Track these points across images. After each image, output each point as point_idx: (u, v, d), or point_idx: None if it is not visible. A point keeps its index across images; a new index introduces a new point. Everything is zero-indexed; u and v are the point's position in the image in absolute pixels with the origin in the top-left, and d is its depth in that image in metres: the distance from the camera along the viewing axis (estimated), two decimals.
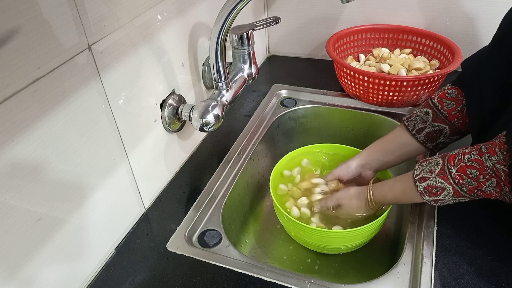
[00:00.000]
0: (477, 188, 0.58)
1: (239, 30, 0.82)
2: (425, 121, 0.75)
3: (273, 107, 1.05)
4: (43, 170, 0.53)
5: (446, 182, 0.60)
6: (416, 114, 0.77)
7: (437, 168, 0.62)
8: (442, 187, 0.61)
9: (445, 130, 0.75)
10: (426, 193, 0.62)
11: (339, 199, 0.76)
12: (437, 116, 0.74)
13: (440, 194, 0.61)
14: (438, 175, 0.61)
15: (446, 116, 0.73)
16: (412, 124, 0.76)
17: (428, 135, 0.75)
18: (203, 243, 0.71)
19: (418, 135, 0.76)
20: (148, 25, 0.69)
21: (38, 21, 0.49)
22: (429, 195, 0.62)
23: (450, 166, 0.60)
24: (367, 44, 1.13)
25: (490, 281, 0.61)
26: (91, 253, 0.65)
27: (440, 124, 0.74)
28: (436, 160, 0.63)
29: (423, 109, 0.76)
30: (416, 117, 0.76)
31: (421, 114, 0.76)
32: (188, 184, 0.83)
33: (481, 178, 0.57)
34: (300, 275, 0.64)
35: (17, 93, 0.48)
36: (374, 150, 0.81)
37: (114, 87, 0.63)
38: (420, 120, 0.76)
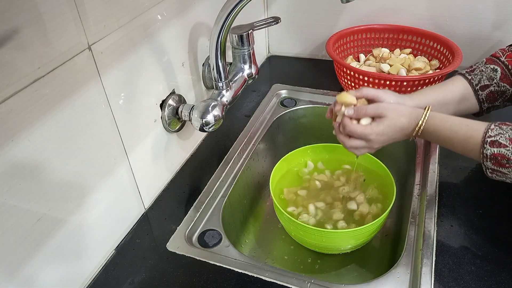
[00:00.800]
0: None
1: (239, 30, 0.82)
2: (492, 79, 0.69)
3: (273, 107, 1.05)
4: (43, 170, 0.53)
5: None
6: (480, 69, 0.70)
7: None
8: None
9: (507, 93, 0.69)
10: (492, 159, 0.56)
11: (385, 108, 0.65)
12: (505, 76, 0.68)
13: (509, 167, 0.55)
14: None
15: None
16: (477, 79, 0.70)
17: (490, 95, 0.69)
18: (203, 243, 0.71)
19: (481, 92, 0.70)
20: (148, 25, 0.69)
21: (38, 21, 0.49)
22: (493, 163, 0.56)
23: None
24: (367, 44, 1.13)
25: (490, 281, 0.61)
26: (91, 253, 0.65)
27: (506, 85, 0.69)
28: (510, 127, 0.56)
29: (489, 65, 0.70)
30: (481, 73, 0.70)
31: (487, 71, 0.70)
32: (188, 184, 0.83)
33: None
34: (300, 275, 0.64)
35: (17, 93, 0.48)
36: (429, 97, 0.71)
37: (114, 87, 0.63)
38: (486, 76, 0.69)
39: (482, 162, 0.58)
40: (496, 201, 0.73)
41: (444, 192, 0.75)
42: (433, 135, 0.63)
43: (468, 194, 0.75)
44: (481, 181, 0.77)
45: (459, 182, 0.78)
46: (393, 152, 0.97)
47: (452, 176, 0.79)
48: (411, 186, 0.81)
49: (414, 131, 0.63)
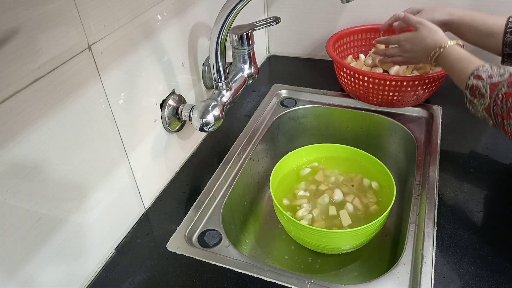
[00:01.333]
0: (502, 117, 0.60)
1: (239, 30, 0.82)
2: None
3: (273, 107, 1.05)
4: (43, 170, 0.53)
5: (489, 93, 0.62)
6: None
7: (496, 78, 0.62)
8: (483, 94, 0.63)
9: None
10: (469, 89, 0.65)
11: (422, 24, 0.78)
12: None
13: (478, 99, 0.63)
14: (490, 83, 0.62)
15: None
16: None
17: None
18: (203, 243, 0.71)
19: (510, 36, 0.76)
20: (148, 25, 0.69)
21: (38, 21, 0.49)
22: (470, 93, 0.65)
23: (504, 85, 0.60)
24: (367, 44, 1.13)
25: (490, 281, 0.61)
26: (91, 253, 0.65)
27: None
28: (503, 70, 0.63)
29: None
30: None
31: None
32: (188, 184, 0.83)
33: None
34: (300, 275, 0.64)
35: (17, 93, 0.48)
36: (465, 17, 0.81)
37: (114, 87, 0.63)
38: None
39: (464, 92, 0.66)
40: (496, 201, 0.73)
41: (444, 192, 0.75)
42: (443, 62, 0.73)
43: (468, 194, 0.75)
44: (481, 181, 0.77)
45: (459, 182, 0.78)
46: (393, 152, 0.98)
47: (452, 176, 0.79)
48: (411, 186, 0.81)
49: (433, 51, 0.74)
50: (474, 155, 0.84)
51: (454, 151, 0.85)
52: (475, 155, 0.84)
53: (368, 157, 0.85)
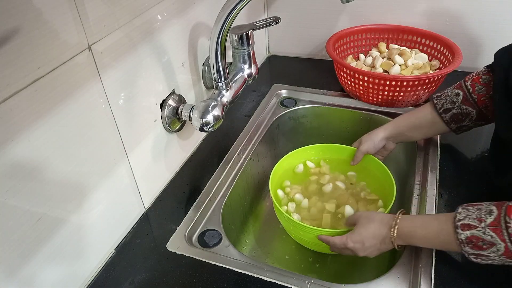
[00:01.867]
0: None
1: (239, 30, 0.82)
2: (454, 102, 0.75)
3: (273, 107, 1.05)
4: (43, 170, 0.53)
5: (499, 237, 0.51)
6: (447, 94, 0.77)
7: (490, 218, 0.53)
8: (492, 241, 0.52)
9: (471, 114, 0.75)
10: (469, 244, 0.54)
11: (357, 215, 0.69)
12: (466, 99, 0.74)
13: (487, 249, 0.52)
14: (489, 226, 0.52)
15: (476, 100, 0.73)
16: (441, 103, 0.77)
17: (454, 117, 0.76)
18: (203, 243, 0.71)
19: (444, 115, 0.77)
20: (148, 25, 0.69)
21: (38, 21, 0.49)
22: (471, 247, 0.53)
23: (508, 219, 0.51)
24: (367, 44, 1.13)
25: (490, 281, 0.61)
26: (91, 253, 0.65)
27: (468, 108, 0.74)
28: (488, 208, 0.54)
29: (454, 90, 0.77)
30: (446, 97, 0.77)
31: (452, 95, 0.76)
32: (188, 184, 0.83)
33: None
34: (300, 275, 0.64)
35: (17, 93, 0.48)
36: (400, 125, 0.83)
37: (114, 87, 0.63)
38: (449, 100, 0.76)
39: (462, 250, 0.55)
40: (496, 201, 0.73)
41: (444, 192, 0.75)
42: (410, 237, 0.61)
43: (468, 194, 0.75)
44: (481, 181, 0.77)
45: (459, 182, 0.78)
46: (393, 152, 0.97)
47: (452, 176, 0.79)
48: (411, 186, 0.81)
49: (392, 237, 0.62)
50: (474, 155, 0.84)
51: (454, 151, 0.85)
52: (475, 155, 0.84)
53: (369, 158, 0.85)
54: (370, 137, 0.84)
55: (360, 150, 0.85)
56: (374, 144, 0.84)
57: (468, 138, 0.87)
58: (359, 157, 0.85)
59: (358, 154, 0.86)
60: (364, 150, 0.84)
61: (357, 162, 0.86)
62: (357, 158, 0.86)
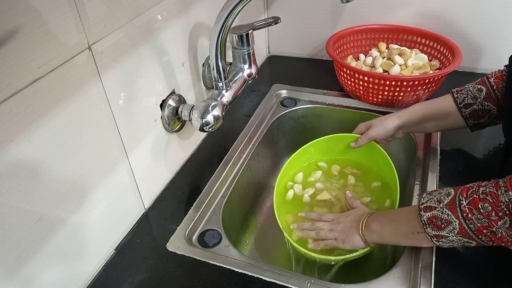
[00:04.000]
0: (487, 228, 0.52)
1: (239, 30, 0.82)
2: (476, 98, 0.73)
3: (273, 107, 1.05)
4: (43, 170, 0.53)
5: (454, 215, 0.55)
6: (468, 88, 0.75)
7: (447, 199, 0.56)
8: (448, 220, 0.55)
9: (492, 112, 0.73)
10: (430, 224, 0.57)
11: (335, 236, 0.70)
12: (489, 96, 0.72)
13: (444, 228, 0.55)
14: (446, 206, 0.56)
15: (499, 97, 0.72)
16: (462, 97, 0.75)
17: (473, 112, 0.74)
18: (203, 243, 0.71)
19: (464, 110, 0.75)
20: (148, 25, 0.69)
21: (38, 21, 0.49)
22: (432, 227, 0.57)
23: (461, 197, 0.55)
24: (367, 44, 1.13)
25: (490, 281, 0.61)
26: (91, 253, 0.65)
27: (490, 105, 0.73)
28: (447, 191, 0.58)
29: (476, 85, 0.74)
30: (467, 92, 0.75)
31: (474, 90, 0.74)
32: (188, 184, 0.83)
33: (493, 216, 0.51)
34: (300, 275, 0.64)
35: (17, 93, 0.48)
36: (416, 114, 0.79)
37: (114, 87, 0.63)
38: (471, 95, 0.74)
39: (424, 232, 0.58)
40: None
41: None
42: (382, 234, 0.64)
43: None
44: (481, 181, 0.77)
45: (459, 182, 0.77)
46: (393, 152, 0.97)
47: (452, 176, 0.79)
48: (411, 186, 0.81)
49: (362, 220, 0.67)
50: (474, 155, 0.84)
51: (454, 151, 0.85)
52: (475, 155, 0.84)
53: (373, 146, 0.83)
54: (382, 124, 0.81)
55: (368, 135, 0.81)
56: (386, 132, 0.80)
57: (468, 138, 0.87)
58: (364, 142, 0.82)
59: (364, 139, 0.82)
60: (373, 136, 0.81)
61: (359, 146, 0.83)
62: (361, 142, 0.82)
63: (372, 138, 0.82)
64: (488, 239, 0.53)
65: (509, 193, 0.50)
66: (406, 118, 0.80)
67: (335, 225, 0.71)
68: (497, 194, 0.52)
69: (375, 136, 0.81)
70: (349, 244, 0.67)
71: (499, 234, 0.52)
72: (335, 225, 0.70)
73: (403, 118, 0.80)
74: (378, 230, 0.64)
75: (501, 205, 0.51)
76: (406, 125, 0.81)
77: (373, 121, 0.83)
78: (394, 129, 0.81)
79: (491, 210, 0.51)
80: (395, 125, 0.80)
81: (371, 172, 0.88)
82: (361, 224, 0.66)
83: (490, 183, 0.54)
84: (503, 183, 0.52)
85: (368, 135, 0.82)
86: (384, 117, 0.82)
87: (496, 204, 0.51)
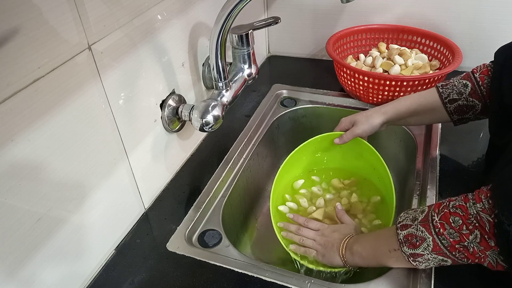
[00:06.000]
0: (459, 243, 0.52)
1: (239, 30, 0.82)
2: (461, 94, 0.72)
3: (273, 107, 1.05)
4: (43, 170, 0.53)
5: (427, 231, 0.54)
6: (453, 83, 0.74)
7: (421, 216, 0.56)
8: (422, 236, 0.55)
9: (476, 107, 0.72)
10: (406, 243, 0.56)
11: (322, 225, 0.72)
12: (475, 92, 0.71)
13: (419, 246, 0.55)
14: (420, 223, 0.56)
15: (484, 93, 0.71)
16: (447, 92, 0.74)
17: (458, 108, 0.73)
18: (203, 243, 0.71)
19: (449, 105, 0.74)
20: (148, 25, 0.69)
21: (38, 21, 0.49)
22: (408, 245, 0.56)
23: (433, 213, 0.55)
24: (367, 44, 1.13)
25: (490, 281, 0.60)
26: (91, 253, 0.65)
27: (475, 100, 0.72)
28: (422, 208, 0.58)
29: (462, 80, 0.73)
30: (452, 87, 0.74)
31: (459, 85, 0.73)
32: (188, 184, 0.83)
33: (464, 229, 0.51)
34: (300, 275, 0.64)
35: (17, 93, 0.48)
36: (401, 110, 0.78)
37: (114, 87, 0.63)
38: (456, 91, 0.73)
39: (401, 250, 0.57)
40: None
41: (444, 192, 0.75)
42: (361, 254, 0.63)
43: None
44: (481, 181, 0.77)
45: (459, 182, 0.78)
46: (393, 152, 0.97)
47: (452, 176, 0.79)
48: (411, 186, 0.81)
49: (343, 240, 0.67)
50: (473, 155, 0.84)
51: (454, 151, 0.85)
52: (474, 155, 0.84)
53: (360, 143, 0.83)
54: (368, 121, 0.79)
55: (354, 133, 0.80)
56: (372, 129, 0.79)
57: (468, 138, 0.87)
58: (349, 139, 0.81)
59: (349, 136, 0.80)
60: (358, 133, 0.80)
61: (343, 142, 0.81)
62: (345, 139, 0.81)
63: (357, 135, 0.80)
64: (462, 255, 0.53)
65: (477, 205, 0.51)
66: (392, 114, 0.79)
67: (319, 237, 0.70)
68: (466, 207, 0.52)
69: (361, 134, 0.80)
70: (327, 260, 0.68)
71: (471, 249, 0.51)
72: (319, 237, 0.70)
73: (389, 114, 0.79)
74: (359, 252, 0.64)
75: (471, 218, 0.51)
76: (391, 121, 0.80)
77: (357, 117, 0.81)
78: (380, 125, 0.80)
79: (462, 224, 0.51)
80: (381, 121, 0.79)
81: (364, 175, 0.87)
82: (343, 245, 0.66)
83: (460, 197, 0.54)
84: (471, 196, 0.52)
85: (353, 132, 0.80)
86: (369, 113, 0.80)
87: (465, 217, 0.51)
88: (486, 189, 0.51)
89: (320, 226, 0.73)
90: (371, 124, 0.79)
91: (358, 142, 0.82)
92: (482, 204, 0.50)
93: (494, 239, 0.50)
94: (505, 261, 0.51)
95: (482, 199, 0.51)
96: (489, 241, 0.50)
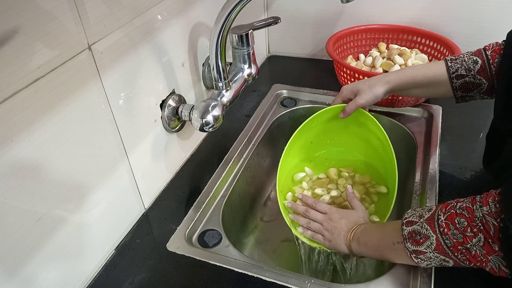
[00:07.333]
0: (462, 245, 0.52)
1: (239, 30, 0.82)
2: (470, 70, 0.70)
3: (273, 107, 1.05)
4: (43, 170, 0.53)
5: (431, 229, 0.54)
6: (463, 59, 0.72)
7: (428, 214, 0.57)
8: (426, 234, 0.55)
9: (482, 86, 0.70)
10: (409, 239, 0.57)
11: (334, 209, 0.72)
12: (484, 69, 0.69)
13: (423, 243, 0.55)
14: (425, 220, 0.56)
15: (493, 72, 0.69)
16: (455, 67, 0.72)
17: (464, 85, 0.71)
18: (203, 243, 0.71)
19: (456, 81, 0.72)
20: (148, 25, 0.69)
21: (38, 21, 0.49)
22: (411, 242, 0.56)
23: (440, 213, 0.55)
24: (367, 44, 1.13)
25: (490, 281, 0.60)
26: (91, 253, 0.65)
27: (482, 79, 0.70)
28: (430, 207, 0.58)
29: (472, 56, 0.71)
30: (461, 62, 0.71)
31: (469, 61, 0.71)
32: (188, 184, 0.83)
33: (468, 231, 0.51)
34: (300, 275, 0.64)
35: (17, 93, 0.48)
36: (406, 81, 0.76)
37: (114, 87, 0.63)
38: (465, 66, 0.71)
39: (404, 246, 0.57)
40: None
41: (444, 192, 0.75)
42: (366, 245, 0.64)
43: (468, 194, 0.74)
44: (481, 181, 0.77)
45: (459, 182, 0.78)
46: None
47: (452, 176, 0.79)
48: (411, 186, 0.81)
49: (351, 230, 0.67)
50: (473, 154, 0.84)
51: (454, 151, 0.85)
52: (474, 154, 0.84)
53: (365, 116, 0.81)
54: (371, 90, 0.76)
55: (357, 103, 0.77)
56: (375, 98, 0.77)
57: (468, 138, 0.87)
58: (352, 110, 0.78)
59: (352, 107, 0.78)
60: (362, 104, 0.77)
61: (348, 115, 0.79)
62: (349, 111, 0.78)
63: (361, 106, 0.78)
64: (464, 258, 0.52)
65: (484, 208, 0.50)
66: (396, 84, 0.76)
67: (327, 222, 0.70)
68: (472, 209, 0.51)
69: (364, 104, 0.77)
70: (333, 246, 0.68)
71: (473, 252, 0.51)
72: (326, 222, 0.70)
73: (392, 83, 0.77)
74: (365, 242, 0.64)
75: (476, 220, 0.50)
76: (394, 90, 0.78)
77: (360, 85, 0.78)
78: (383, 94, 0.77)
79: (467, 226, 0.51)
80: (385, 90, 0.77)
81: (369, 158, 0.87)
82: (350, 234, 0.66)
83: (468, 198, 0.54)
84: (479, 199, 0.52)
85: (356, 102, 0.77)
86: (372, 82, 0.77)
87: (471, 219, 0.51)
88: (495, 193, 0.51)
89: (328, 210, 0.72)
90: (374, 93, 0.77)
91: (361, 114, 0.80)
92: (489, 207, 0.50)
93: (498, 244, 0.49)
94: (508, 267, 0.50)
95: (490, 203, 0.50)
96: (493, 246, 0.50)
